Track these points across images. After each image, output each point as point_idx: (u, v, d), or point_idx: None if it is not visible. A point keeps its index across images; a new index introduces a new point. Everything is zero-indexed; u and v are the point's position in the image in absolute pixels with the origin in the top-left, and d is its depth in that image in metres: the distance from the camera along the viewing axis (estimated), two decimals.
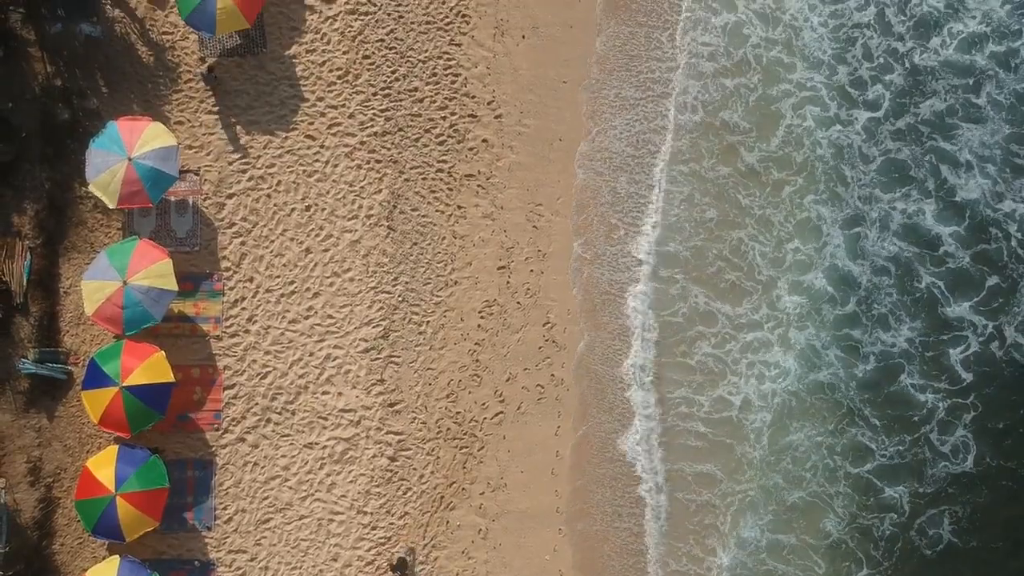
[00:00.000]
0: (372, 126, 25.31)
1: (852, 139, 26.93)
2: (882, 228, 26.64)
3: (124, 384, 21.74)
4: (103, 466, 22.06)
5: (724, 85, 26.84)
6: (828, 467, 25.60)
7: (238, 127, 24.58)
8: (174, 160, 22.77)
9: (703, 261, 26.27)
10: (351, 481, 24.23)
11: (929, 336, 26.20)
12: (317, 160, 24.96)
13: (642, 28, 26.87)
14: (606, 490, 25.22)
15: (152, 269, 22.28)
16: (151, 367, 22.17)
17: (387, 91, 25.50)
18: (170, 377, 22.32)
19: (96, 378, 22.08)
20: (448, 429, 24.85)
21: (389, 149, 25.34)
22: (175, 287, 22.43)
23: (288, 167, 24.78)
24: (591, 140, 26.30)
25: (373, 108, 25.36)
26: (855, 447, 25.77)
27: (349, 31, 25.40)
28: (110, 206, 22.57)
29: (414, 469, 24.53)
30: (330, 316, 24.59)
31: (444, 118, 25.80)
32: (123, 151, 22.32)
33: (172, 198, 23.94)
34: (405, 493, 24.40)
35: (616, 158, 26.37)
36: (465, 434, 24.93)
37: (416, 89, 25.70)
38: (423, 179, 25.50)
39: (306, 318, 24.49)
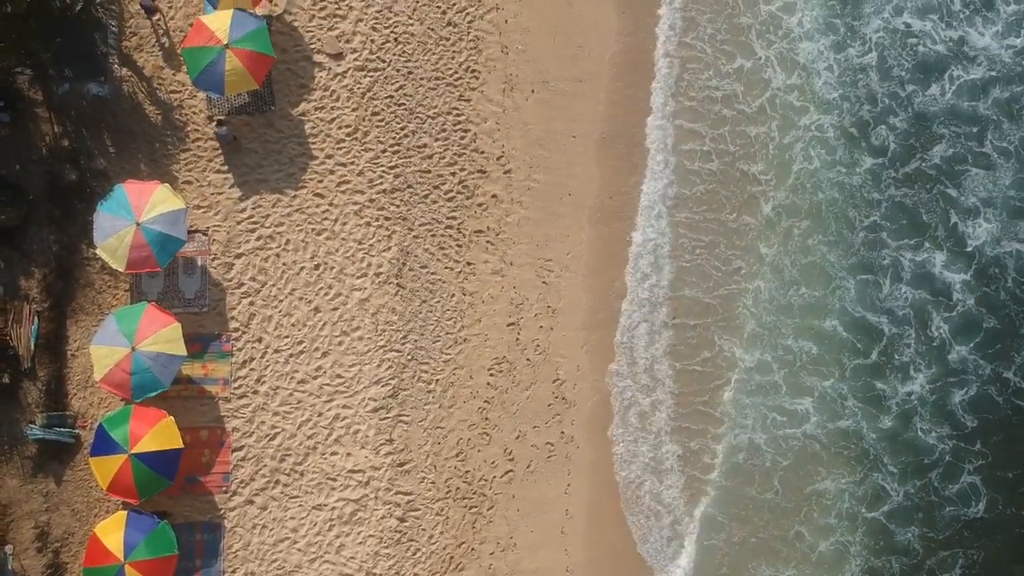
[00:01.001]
0: (381, 183, 25.19)
1: (857, 183, 26.97)
2: (890, 275, 26.68)
3: (133, 451, 21.56)
4: (112, 532, 21.88)
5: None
6: (844, 511, 25.78)
7: (247, 186, 24.46)
8: (182, 223, 22.61)
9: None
10: (360, 543, 24.08)
11: (936, 381, 26.29)
12: (326, 218, 24.83)
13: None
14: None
15: (161, 334, 22.11)
16: (160, 433, 22.01)
17: (396, 148, 25.38)
18: (179, 443, 22.16)
19: (105, 444, 21.91)
20: (457, 488, 24.71)
21: (398, 206, 25.22)
22: (184, 352, 22.28)
23: (297, 226, 24.65)
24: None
25: (382, 165, 25.24)
26: (869, 491, 25.80)
27: (358, 88, 25.28)
28: (118, 270, 22.45)
29: (423, 530, 24.40)
30: (339, 376, 24.45)
31: (453, 174, 25.70)
32: (131, 216, 22.16)
33: (180, 258, 23.77)
34: (414, 554, 24.26)
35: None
36: (474, 493, 24.80)
37: (425, 145, 25.59)
38: (432, 236, 25.38)
39: (315, 378, 24.35)
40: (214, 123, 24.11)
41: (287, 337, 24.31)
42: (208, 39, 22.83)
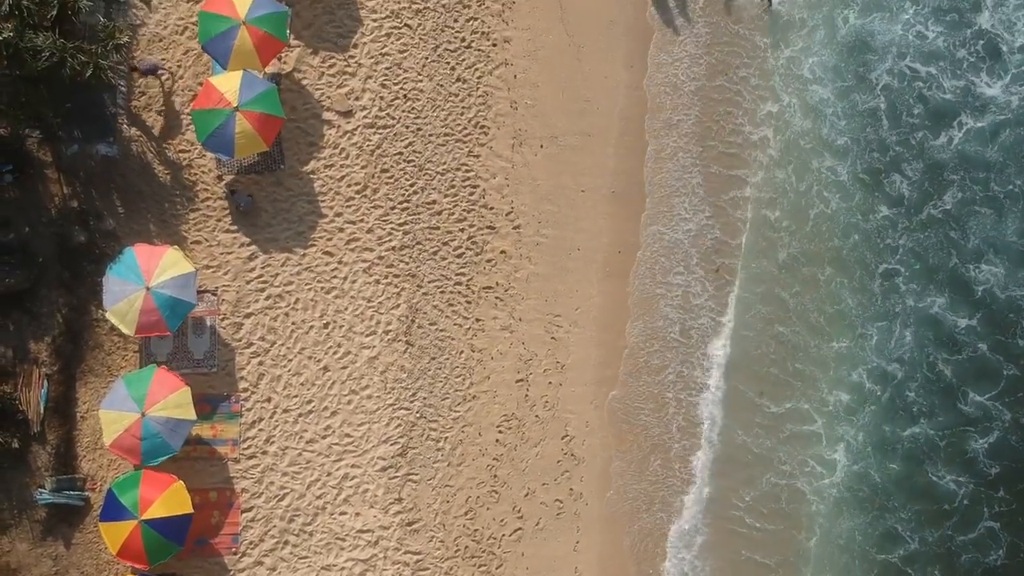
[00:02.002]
0: (390, 240, 25.16)
1: (874, 231, 27.14)
2: (905, 322, 26.86)
3: (143, 518, 21.46)
4: None
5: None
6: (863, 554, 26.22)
7: (256, 245, 24.41)
8: (192, 287, 22.54)
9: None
10: None
11: (954, 427, 26.48)
12: (335, 276, 24.79)
13: None
14: None
15: (171, 399, 22.04)
16: (170, 498, 21.96)
17: (405, 205, 25.35)
18: (189, 509, 22.10)
19: (114, 510, 21.84)
20: (466, 547, 24.68)
21: (407, 263, 25.19)
22: (193, 416, 22.20)
23: (306, 284, 24.61)
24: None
25: (391, 222, 25.21)
26: (886, 536, 26.20)
27: (368, 145, 25.24)
28: (128, 334, 22.40)
29: None
30: (348, 435, 24.41)
31: (462, 230, 25.68)
32: (141, 280, 22.08)
33: (190, 319, 23.62)
34: None
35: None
36: (483, 552, 24.78)
37: (434, 202, 25.56)
38: (441, 293, 25.35)
39: (324, 437, 24.31)
40: (234, 193, 24.10)
41: (296, 397, 24.28)
42: (218, 101, 22.76)
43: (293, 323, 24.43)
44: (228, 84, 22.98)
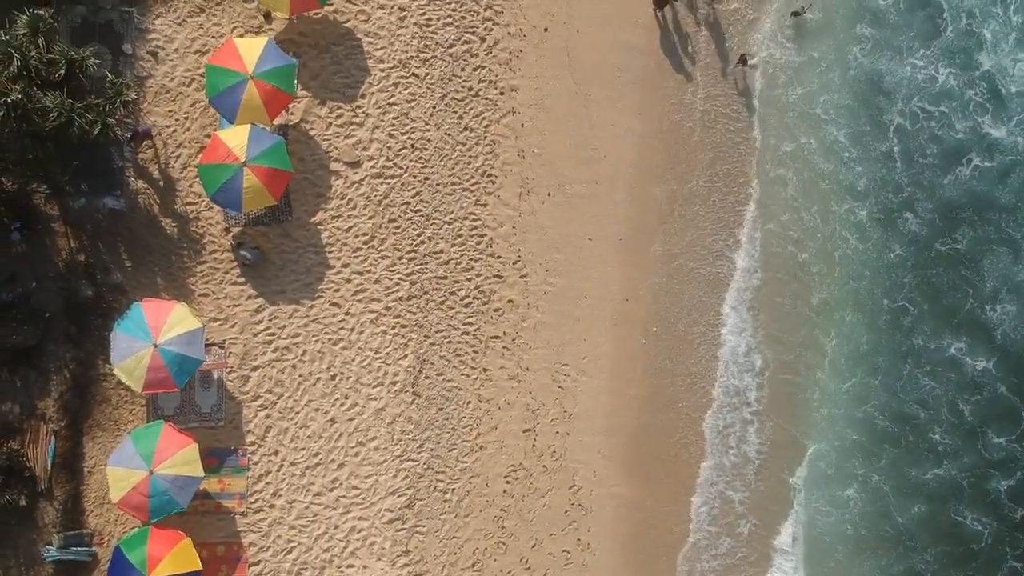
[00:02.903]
0: (398, 291, 25.11)
1: (887, 268, 27.16)
2: (920, 361, 26.88)
3: None
4: None
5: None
6: None
7: (263, 297, 24.35)
8: (199, 343, 22.49)
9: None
10: None
11: (976, 469, 26.54)
12: (343, 328, 24.74)
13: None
14: None
15: (179, 456, 21.98)
16: (177, 556, 21.89)
17: (413, 254, 25.30)
18: (197, 566, 22.04)
19: (122, 568, 21.73)
20: None
21: (415, 313, 25.14)
22: (202, 474, 22.16)
23: (314, 336, 24.55)
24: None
25: (399, 272, 25.16)
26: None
27: (375, 195, 25.20)
28: (136, 390, 22.33)
29: None
30: (355, 487, 24.34)
31: (469, 280, 25.63)
32: (148, 337, 22.03)
33: (197, 372, 23.55)
34: None
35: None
36: None
37: (442, 251, 25.52)
38: (448, 343, 25.30)
39: (331, 490, 24.24)
40: (241, 247, 24.05)
41: (303, 449, 24.22)
42: (225, 156, 22.72)
43: (300, 375, 24.38)
44: (236, 139, 22.93)
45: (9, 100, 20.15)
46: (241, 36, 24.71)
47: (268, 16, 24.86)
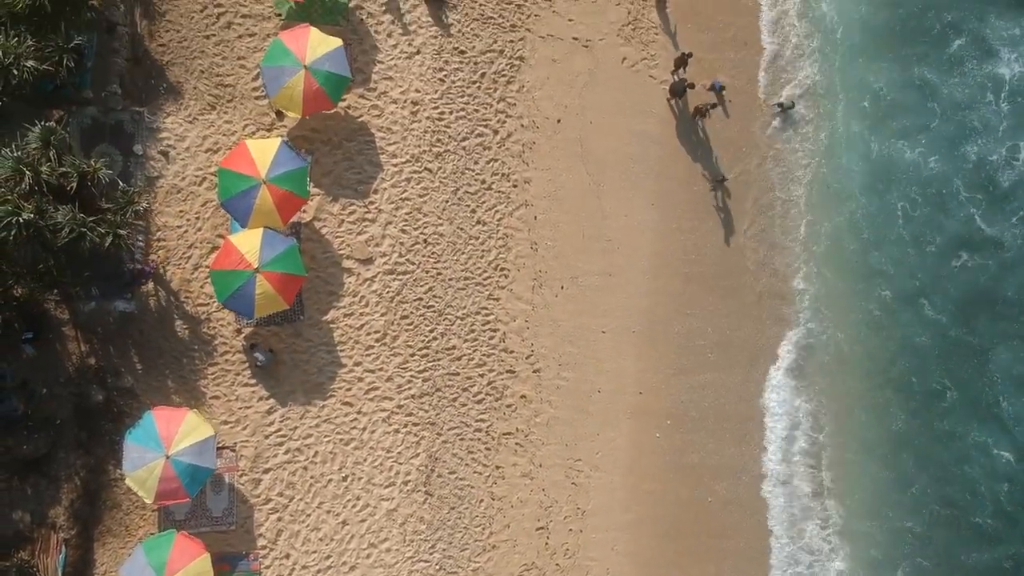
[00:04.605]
0: (410, 388, 24.90)
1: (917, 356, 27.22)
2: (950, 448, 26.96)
3: None
4: None
5: None
6: None
7: (275, 399, 24.14)
8: (211, 451, 22.23)
9: None
10: None
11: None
12: (354, 427, 24.52)
13: None
14: None
15: (191, 568, 21.67)
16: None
17: (425, 351, 25.09)
18: None
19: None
20: None
21: (427, 411, 24.92)
22: None
23: (325, 436, 24.33)
24: None
25: (411, 370, 24.95)
26: None
27: (387, 292, 25.00)
28: (147, 502, 22.10)
29: None
30: None
31: (482, 375, 25.41)
32: (160, 447, 21.79)
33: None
34: None
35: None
36: None
37: (454, 347, 25.30)
38: (461, 440, 25.08)
39: None
40: (254, 349, 23.86)
41: (315, 552, 23.98)
42: (238, 262, 22.49)
43: (312, 477, 24.15)
44: (248, 244, 22.72)
45: (22, 219, 19.96)
46: (253, 134, 24.58)
47: (280, 113, 24.69)
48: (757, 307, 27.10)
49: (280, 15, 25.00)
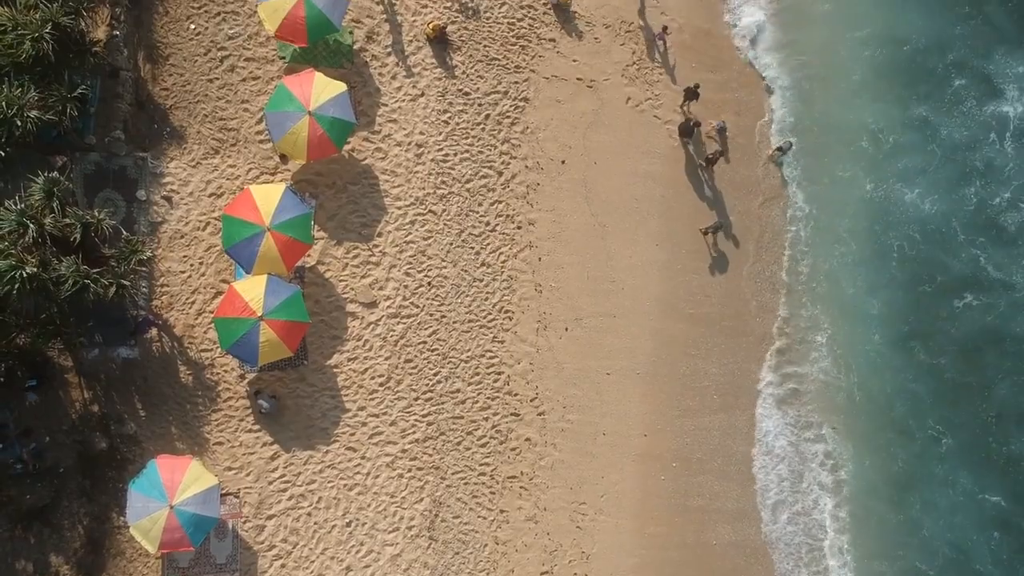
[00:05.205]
0: (414, 432, 24.80)
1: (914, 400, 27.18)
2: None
3: None
4: None
5: None
6: None
7: (278, 444, 24.03)
8: (215, 500, 22.11)
9: None
10: None
11: None
12: (358, 472, 24.41)
13: None
14: None
15: None
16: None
17: (429, 395, 24.99)
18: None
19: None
20: None
21: (431, 455, 24.82)
22: None
23: (329, 482, 24.22)
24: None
25: (415, 414, 24.86)
26: None
27: (392, 335, 24.91)
28: (151, 551, 21.97)
29: None
30: None
31: (487, 419, 25.32)
32: (164, 497, 21.65)
33: None
34: None
35: None
36: None
37: (458, 391, 25.22)
38: (465, 484, 24.98)
39: None
40: (258, 396, 23.77)
41: None
42: (242, 310, 22.37)
43: (315, 523, 24.03)
44: (252, 291, 22.61)
45: (25, 273, 19.86)
46: (257, 178, 24.50)
47: (284, 157, 24.61)
48: (760, 348, 27.07)
49: (284, 58, 24.97)
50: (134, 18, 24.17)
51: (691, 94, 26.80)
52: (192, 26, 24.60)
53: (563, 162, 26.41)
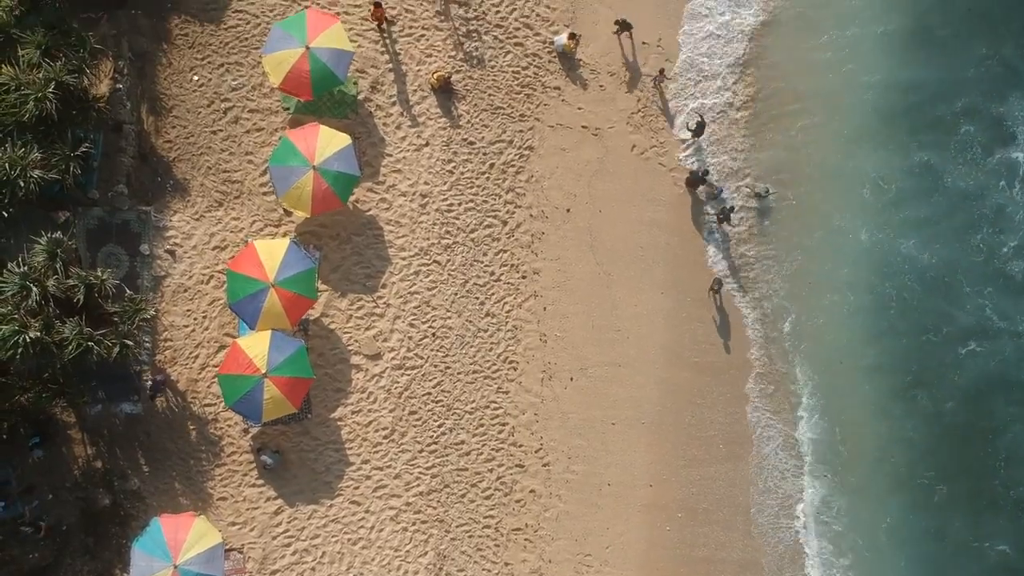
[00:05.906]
0: (418, 485, 24.66)
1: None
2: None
3: None
4: None
5: None
6: None
7: (282, 499, 23.89)
8: (219, 559, 21.91)
9: None
10: None
11: None
12: (362, 526, 24.27)
13: None
14: None
15: None
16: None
17: (433, 447, 24.86)
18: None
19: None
20: None
21: (435, 508, 24.68)
22: None
23: (333, 536, 24.07)
24: None
25: (419, 466, 24.72)
26: None
27: (396, 387, 24.77)
28: None
29: None
30: None
31: (491, 470, 25.19)
32: (168, 557, 21.49)
33: None
34: None
35: None
36: None
37: (463, 442, 25.08)
38: (470, 537, 24.83)
39: None
40: (261, 452, 23.64)
41: None
42: (246, 367, 22.22)
43: None
44: (256, 347, 22.48)
45: (29, 338, 19.74)
46: (261, 230, 24.37)
47: (288, 210, 24.52)
48: (765, 398, 26.95)
49: (288, 109, 24.85)
50: (137, 70, 24.06)
51: (699, 132, 26.78)
52: (195, 77, 24.50)
53: (568, 211, 26.29)
